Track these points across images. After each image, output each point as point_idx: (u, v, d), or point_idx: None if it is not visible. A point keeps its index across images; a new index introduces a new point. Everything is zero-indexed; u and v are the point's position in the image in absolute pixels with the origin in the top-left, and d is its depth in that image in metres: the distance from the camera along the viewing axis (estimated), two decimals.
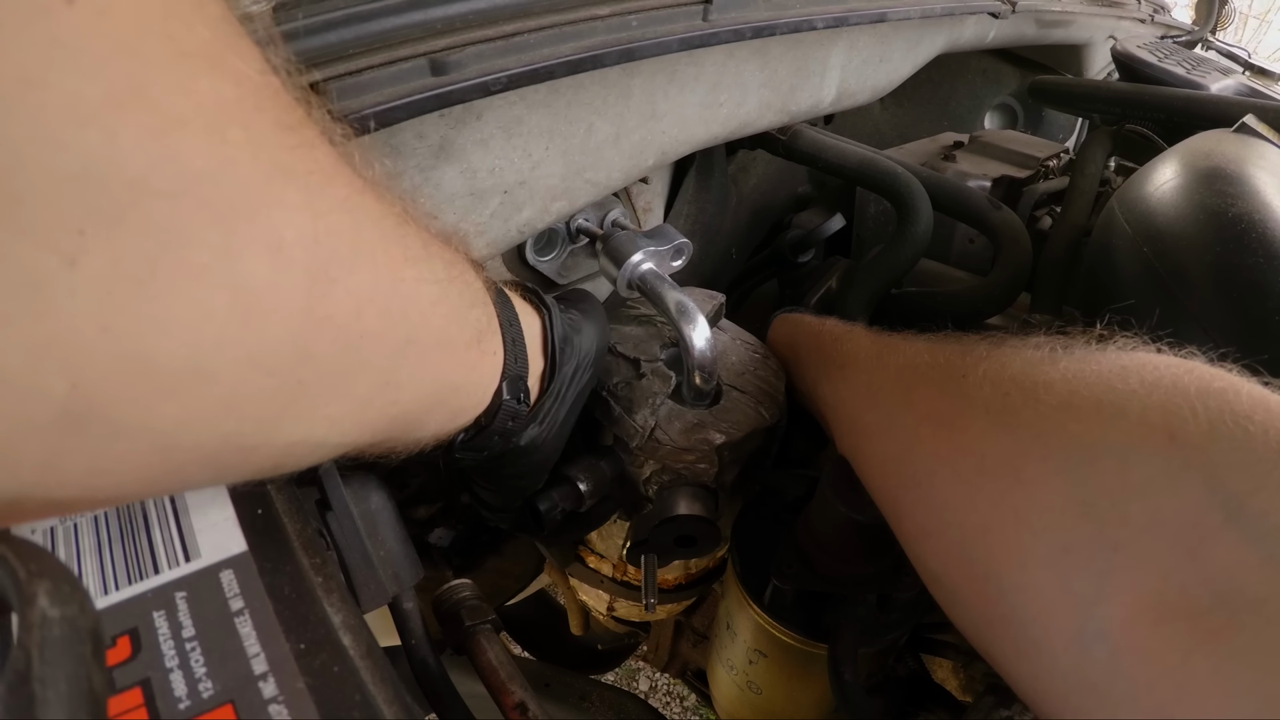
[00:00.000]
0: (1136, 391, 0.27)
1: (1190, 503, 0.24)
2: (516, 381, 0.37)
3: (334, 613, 0.23)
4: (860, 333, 0.49)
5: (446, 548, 0.68)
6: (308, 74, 0.40)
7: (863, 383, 0.44)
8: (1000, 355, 0.34)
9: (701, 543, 0.47)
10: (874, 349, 0.45)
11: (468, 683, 0.38)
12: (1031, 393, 0.31)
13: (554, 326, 0.41)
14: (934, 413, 0.36)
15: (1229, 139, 0.62)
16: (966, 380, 0.34)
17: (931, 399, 0.36)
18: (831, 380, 0.48)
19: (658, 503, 0.47)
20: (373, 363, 0.24)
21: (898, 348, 0.43)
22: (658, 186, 0.73)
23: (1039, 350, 0.33)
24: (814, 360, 0.51)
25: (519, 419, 0.38)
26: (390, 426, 0.28)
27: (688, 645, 0.76)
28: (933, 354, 0.39)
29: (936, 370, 0.37)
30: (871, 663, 0.53)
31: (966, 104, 1.33)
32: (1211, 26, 1.41)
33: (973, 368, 0.34)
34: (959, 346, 0.38)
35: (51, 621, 0.15)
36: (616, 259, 0.52)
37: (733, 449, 0.48)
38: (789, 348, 0.56)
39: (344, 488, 0.33)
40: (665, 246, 0.53)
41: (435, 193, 0.47)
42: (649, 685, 1.79)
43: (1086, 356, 0.31)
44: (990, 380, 0.33)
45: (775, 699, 0.56)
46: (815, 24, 0.62)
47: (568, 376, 0.42)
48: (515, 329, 0.37)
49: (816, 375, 0.50)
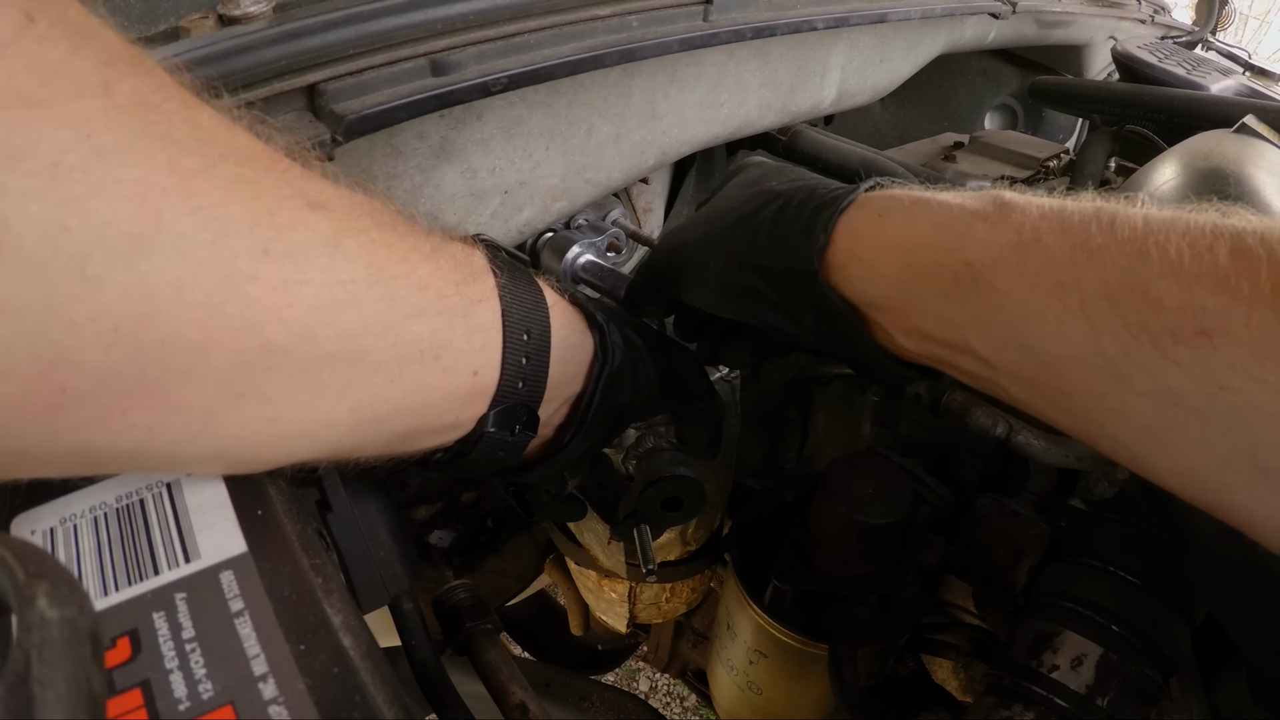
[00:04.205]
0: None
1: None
2: (513, 412, 0.31)
3: (334, 613, 0.23)
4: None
5: (446, 548, 0.68)
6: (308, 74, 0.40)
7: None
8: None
9: (688, 503, 0.47)
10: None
11: (468, 683, 0.38)
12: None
13: (608, 354, 0.34)
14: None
15: (1229, 139, 0.61)
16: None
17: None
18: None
19: (640, 470, 0.47)
20: (195, 373, 0.21)
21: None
22: (658, 187, 0.73)
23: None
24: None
25: (512, 450, 0.33)
26: (277, 447, 0.25)
27: (688, 645, 0.76)
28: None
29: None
30: (871, 663, 0.53)
31: (966, 104, 1.33)
32: (1212, 27, 1.41)
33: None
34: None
35: (51, 623, 0.15)
36: (559, 253, 0.58)
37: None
38: (902, 259, 0.32)
39: (344, 489, 0.33)
40: (598, 239, 0.60)
41: (436, 193, 0.47)
42: (649, 685, 1.79)
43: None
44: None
45: (775, 699, 0.56)
46: (815, 24, 0.62)
47: (607, 418, 0.36)
48: (535, 346, 0.31)
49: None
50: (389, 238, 0.26)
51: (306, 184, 0.24)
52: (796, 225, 0.34)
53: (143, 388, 0.21)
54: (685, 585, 0.65)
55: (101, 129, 0.18)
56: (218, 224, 0.21)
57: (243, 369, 0.22)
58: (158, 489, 0.26)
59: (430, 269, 0.27)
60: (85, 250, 0.18)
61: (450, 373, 0.29)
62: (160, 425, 0.22)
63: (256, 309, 0.22)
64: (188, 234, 0.20)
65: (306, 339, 0.23)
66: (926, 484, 0.52)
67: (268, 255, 0.22)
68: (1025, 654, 0.40)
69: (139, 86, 0.20)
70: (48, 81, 0.18)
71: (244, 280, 0.21)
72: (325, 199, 0.24)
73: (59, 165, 0.18)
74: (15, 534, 0.25)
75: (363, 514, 0.33)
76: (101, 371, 0.20)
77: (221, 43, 0.38)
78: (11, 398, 0.19)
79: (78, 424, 0.20)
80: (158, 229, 0.19)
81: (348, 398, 0.25)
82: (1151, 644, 0.40)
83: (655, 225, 0.75)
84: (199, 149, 0.21)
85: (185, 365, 0.21)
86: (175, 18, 0.41)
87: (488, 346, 0.30)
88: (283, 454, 0.26)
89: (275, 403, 0.24)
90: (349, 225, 0.24)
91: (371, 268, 0.25)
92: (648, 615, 0.67)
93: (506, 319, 0.30)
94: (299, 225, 0.23)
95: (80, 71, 0.18)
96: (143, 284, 0.19)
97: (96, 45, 0.19)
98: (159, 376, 0.21)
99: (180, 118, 0.21)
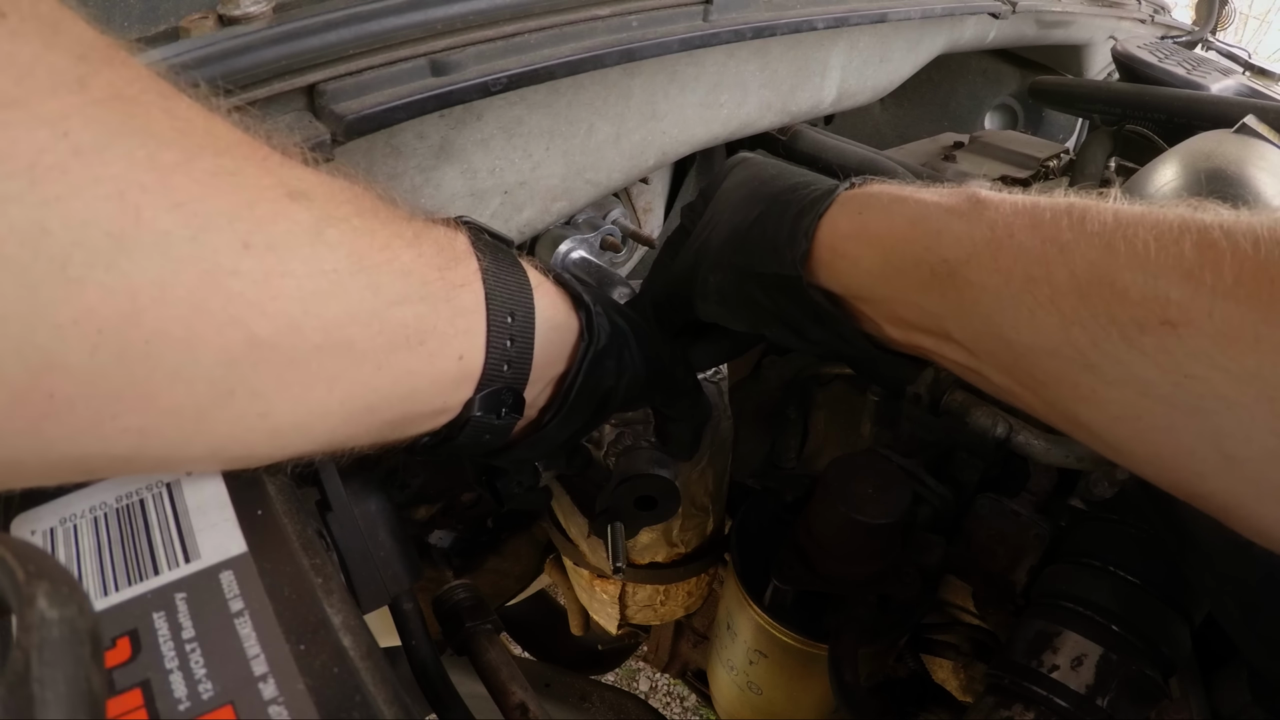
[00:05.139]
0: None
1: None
2: (499, 396, 0.31)
3: (334, 613, 0.23)
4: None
5: (446, 548, 0.68)
6: (308, 74, 0.40)
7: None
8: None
9: (662, 504, 0.47)
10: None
11: (468, 683, 0.38)
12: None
13: (593, 335, 0.34)
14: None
15: (1230, 140, 0.61)
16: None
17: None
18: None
19: (618, 467, 0.47)
20: (184, 372, 0.21)
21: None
22: (658, 187, 0.73)
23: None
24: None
25: (498, 433, 0.33)
26: (272, 442, 0.25)
27: (688, 645, 0.76)
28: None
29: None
30: (871, 663, 0.53)
31: (966, 104, 1.33)
32: (1212, 27, 1.41)
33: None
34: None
35: (50, 623, 0.15)
36: (550, 249, 0.58)
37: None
38: (883, 251, 0.33)
39: (344, 488, 0.33)
40: (591, 235, 0.61)
41: (436, 193, 0.47)
42: (649, 685, 1.79)
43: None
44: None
45: (775, 699, 0.56)
46: (815, 24, 0.62)
47: (590, 401, 0.36)
48: (520, 329, 0.31)
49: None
50: (370, 225, 0.26)
51: (287, 172, 0.24)
52: (781, 232, 0.34)
53: (132, 390, 0.21)
54: (681, 588, 0.64)
55: (79, 126, 0.18)
56: (198, 220, 0.20)
57: (230, 366, 0.22)
58: (157, 489, 0.26)
59: (413, 255, 0.27)
60: (66, 252, 0.18)
61: (436, 357, 0.28)
62: (153, 428, 0.22)
63: (240, 303, 0.21)
64: (168, 231, 0.20)
65: (293, 331, 0.23)
66: (926, 484, 0.52)
67: (249, 249, 0.21)
68: (1025, 654, 0.40)
69: (114, 79, 0.19)
70: (22, 80, 0.17)
71: (226, 275, 0.21)
72: (306, 187, 0.24)
73: (37, 166, 0.17)
74: (15, 534, 0.25)
75: (363, 514, 0.33)
76: (89, 375, 0.19)
77: (221, 43, 0.38)
78: (1, 407, 0.19)
79: (70, 431, 0.20)
80: (138, 227, 0.19)
81: (338, 389, 0.25)
82: (1151, 644, 0.40)
83: (655, 225, 0.75)
84: (178, 141, 0.20)
85: (173, 365, 0.21)
86: (175, 18, 0.41)
87: (472, 330, 0.30)
88: (278, 449, 0.26)
89: (266, 398, 0.24)
90: (330, 214, 0.24)
91: (354, 256, 0.24)
92: (643, 617, 0.67)
93: (490, 302, 0.30)
94: (280, 216, 0.23)
95: (55, 67, 0.18)
96: (125, 283, 0.19)
97: (70, 38, 0.19)
98: (147, 378, 0.21)
99: (158, 109, 0.20)
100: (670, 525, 0.58)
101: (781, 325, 0.36)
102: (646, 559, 0.61)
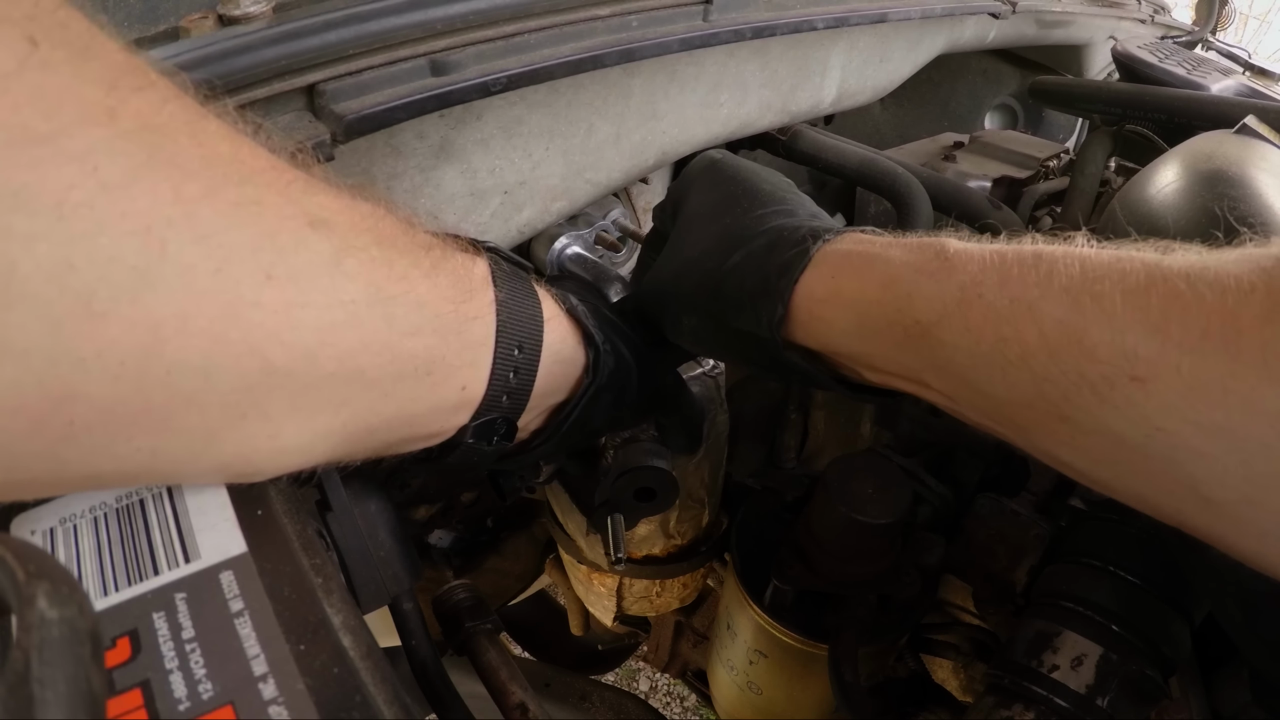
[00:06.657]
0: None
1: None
2: (492, 425, 0.32)
3: (334, 613, 0.23)
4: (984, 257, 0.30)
5: (446, 548, 0.68)
6: (308, 74, 0.40)
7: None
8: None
9: (661, 495, 0.47)
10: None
11: (468, 683, 0.38)
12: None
13: (598, 372, 0.35)
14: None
15: (1230, 140, 0.61)
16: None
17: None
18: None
19: (617, 459, 0.47)
20: (199, 398, 0.21)
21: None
22: (658, 187, 0.73)
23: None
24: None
25: (486, 458, 0.34)
26: (275, 460, 0.26)
27: (688, 645, 0.76)
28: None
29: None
30: (871, 663, 0.53)
31: (966, 104, 1.33)
32: (1212, 27, 1.41)
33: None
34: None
35: (50, 623, 0.15)
36: (546, 245, 0.59)
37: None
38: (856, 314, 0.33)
39: (344, 489, 0.33)
40: (586, 231, 0.61)
41: (435, 193, 0.47)
42: (649, 685, 1.79)
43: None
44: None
45: (775, 699, 0.56)
46: (815, 24, 0.62)
47: (582, 431, 0.37)
48: (525, 361, 0.32)
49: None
50: (389, 254, 0.26)
51: (309, 199, 0.24)
52: (756, 287, 0.34)
53: (148, 415, 0.21)
54: (677, 581, 0.65)
55: (106, 161, 0.18)
56: (222, 251, 0.20)
57: (245, 391, 0.22)
58: (158, 490, 0.26)
59: (429, 286, 0.27)
60: (91, 287, 0.18)
61: (440, 387, 0.29)
62: (164, 448, 0.22)
63: (259, 334, 0.22)
64: (193, 265, 0.20)
65: (307, 360, 0.23)
66: (926, 484, 0.52)
67: (270, 280, 0.22)
68: (1025, 654, 0.40)
69: (143, 108, 0.19)
70: (51, 115, 0.17)
71: (247, 306, 0.21)
72: (327, 215, 0.24)
73: (65, 204, 0.17)
74: (15, 534, 0.25)
75: (363, 514, 0.33)
76: (109, 403, 0.20)
77: (221, 43, 0.38)
78: (20, 432, 0.19)
79: (85, 453, 0.21)
80: (163, 262, 0.19)
81: (343, 412, 0.26)
82: (1151, 644, 0.40)
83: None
84: (203, 172, 0.21)
85: (190, 391, 0.21)
86: (175, 18, 0.41)
87: (478, 362, 0.30)
88: (279, 466, 0.26)
89: (275, 421, 0.24)
90: (350, 243, 0.24)
91: (371, 287, 0.25)
92: (639, 608, 0.67)
93: (500, 335, 0.30)
94: (301, 247, 0.23)
95: (84, 99, 0.18)
96: (148, 317, 0.19)
97: (100, 66, 0.19)
98: (164, 404, 0.21)
99: (185, 136, 0.21)
100: (667, 517, 0.58)
101: (759, 368, 0.37)
102: (644, 551, 0.61)
